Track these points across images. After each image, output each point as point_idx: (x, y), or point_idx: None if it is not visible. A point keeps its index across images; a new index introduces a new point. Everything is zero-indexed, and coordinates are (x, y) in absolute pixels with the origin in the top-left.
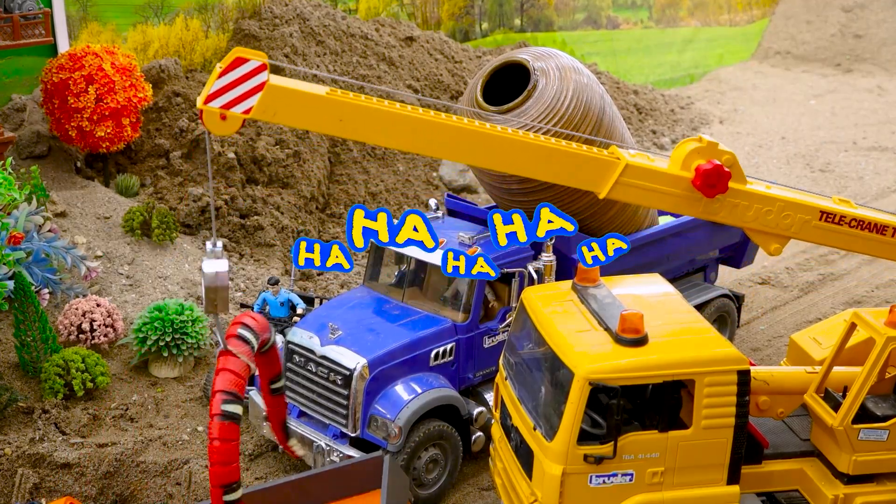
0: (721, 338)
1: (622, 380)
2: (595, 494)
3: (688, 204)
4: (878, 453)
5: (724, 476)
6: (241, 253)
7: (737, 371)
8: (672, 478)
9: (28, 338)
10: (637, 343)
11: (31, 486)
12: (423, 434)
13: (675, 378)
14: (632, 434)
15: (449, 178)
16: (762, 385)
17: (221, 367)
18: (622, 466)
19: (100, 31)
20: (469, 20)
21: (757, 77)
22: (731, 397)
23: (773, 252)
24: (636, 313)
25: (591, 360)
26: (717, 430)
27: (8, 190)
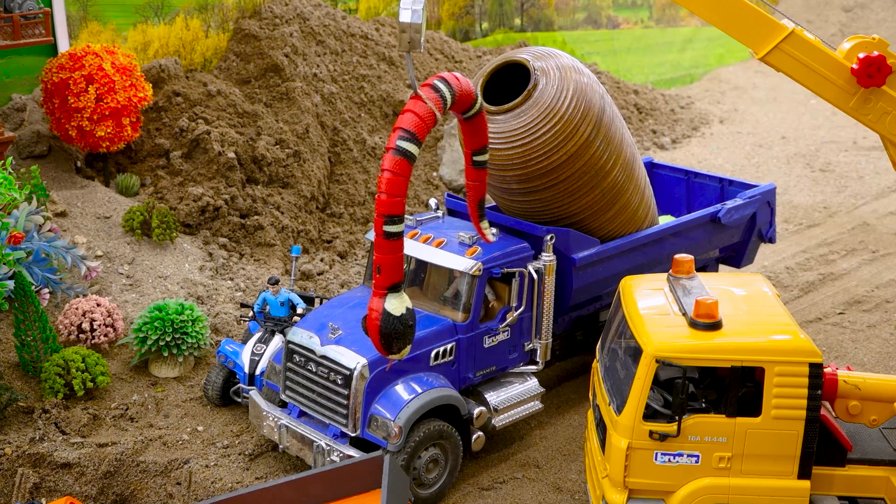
0: (799, 332)
1: (688, 360)
2: (661, 472)
3: (840, 95)
4: None
5: (794, 469)
6: (241, 253)
7: (809, 364)
8: (740, 465)
9: (28, 337)
10: (710, 327)
11: (31, 486)
12: (423, 434)
13: (744, 364)
14: (698, 416)
15: (449, 178)
16: (853, 390)
17: (407, 109)
18: (688, 447)
19: (100, 30)
20: (469, 20)
21: (757, 76)
22: (802, 389)
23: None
24: (711, 299)
25: (662, 339)
26: (787, 422)
27: (8, 190)
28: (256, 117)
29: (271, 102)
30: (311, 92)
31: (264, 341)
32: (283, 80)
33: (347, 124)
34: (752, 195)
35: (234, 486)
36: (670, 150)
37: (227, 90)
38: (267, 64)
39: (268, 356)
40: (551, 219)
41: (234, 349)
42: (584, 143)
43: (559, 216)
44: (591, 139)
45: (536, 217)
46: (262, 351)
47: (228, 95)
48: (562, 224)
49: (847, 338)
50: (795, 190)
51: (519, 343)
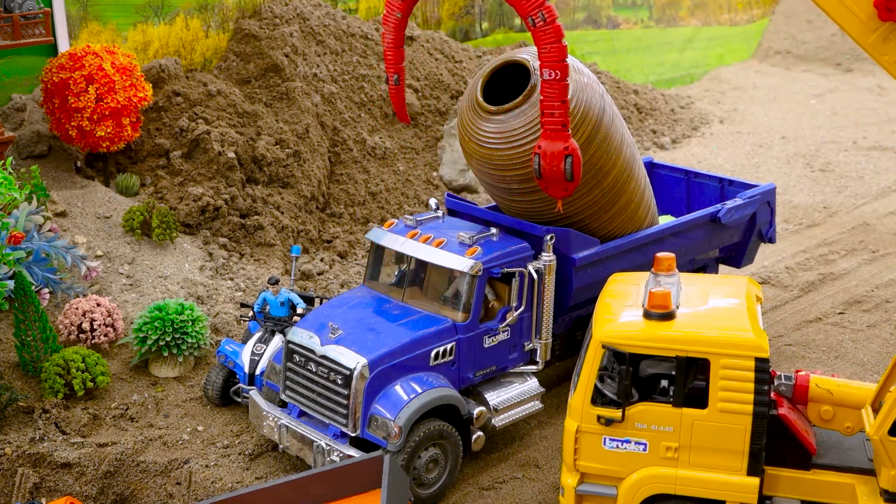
0: (751, 328)
1: (633, 347)
2: (610, 457)
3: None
4: None
5: (743, 465)
6: (241, 253)
7: (755, 358)
8: (688, 456)
9: (28, 337)
10: (663, 318)
11: (31, 486)
12: (423, 433)
13: (688, 355)
14: (645, 403)
15: (449, 178)
16: (825, 394)
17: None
18: (636, 434)
19: (100, 30)
20: (469, 20)
21: (757, 76)
22: (748, 384)
23: None
24: (664, 291)
25: (611, 326)
26: (734, 416)
27: (8, 189)
28: (256, 117)
29: (271, 102)
30: (311, 92)
31: (264, 341)
32: (283, 80)
33: (347, 124)
34: (752, 195)
35: (234, 486)
36: (670, 150)
37: (227, 90)
38: (267, 64)
39: (268, 356)
40: (551, 219)
41: (234, 349)
42: (584, 143)
43: (559, 216)
44: (591, 139)
45: (536, 217)
46: (262, 351)
47: (228, 95)
48: (562, 224)
49: (847, 338)
50: (795, 190)
51: (519, 343)
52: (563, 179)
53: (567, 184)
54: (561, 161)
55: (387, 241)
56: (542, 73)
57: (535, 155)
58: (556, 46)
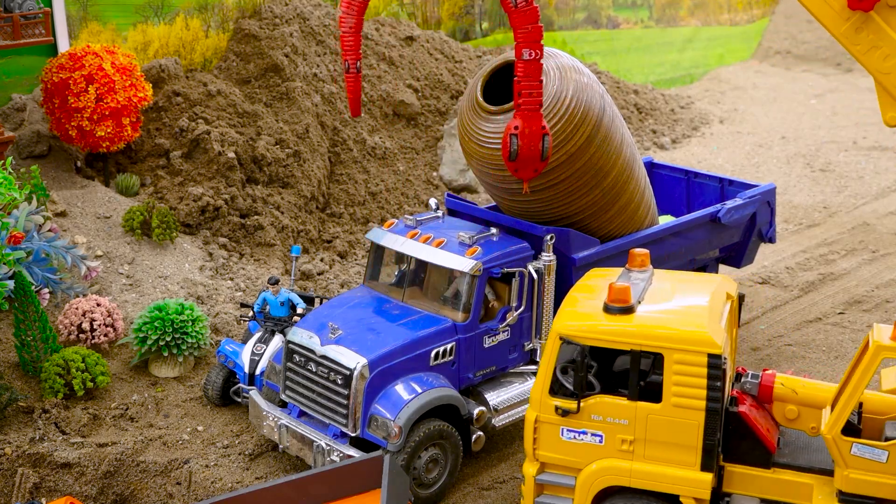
0: (707, 324)
1: (589, 340)
2: (568, 448)
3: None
4: (874, 475)
5: (697, 460)
6: (241, 253)
7: (707, 354)
8: (643, 450)
9: (28, 337)
10: (622, 312)
11: (31, 486)
12: (423, 434)
13: (643, 349)
14: (601, 396)
15: (449, 178)
16: (790, 394)
17: None
18: (592, 426)
19: (100, 30)
20: (469, 20)
21: (757, 76)
22: (701, 379)
23: (888, 120)
24: (623, 285)
25: (570, 319)
26: (687, 411)
27: (8, 189)
28: (256, 117)
29: (271, 102)
30: (311, 92)
31: (264, 341)
32: (283, 80)
33: (347, 124)
34: (752, 195)
35: (234, 486)
36: (670, 150)
37: (227, 90)
38: (267, 64)
39: (268, 356)
40: (551, 219)
41: (234, 349)
42: (584, 143)
43: (559, 216)
44: (591, 139)
45: (536, 217)
46: (262, 351)
47: (228, 95)
48: (562, 224)
49: (847, 338)
50: (795, 190)
51: (519, 343)
52: (537, 160)
53: (539, 164)
54: (539, 141)
55: (387, 241)
56: (522, 53)
57: (512, 136)
58: (535, 27)
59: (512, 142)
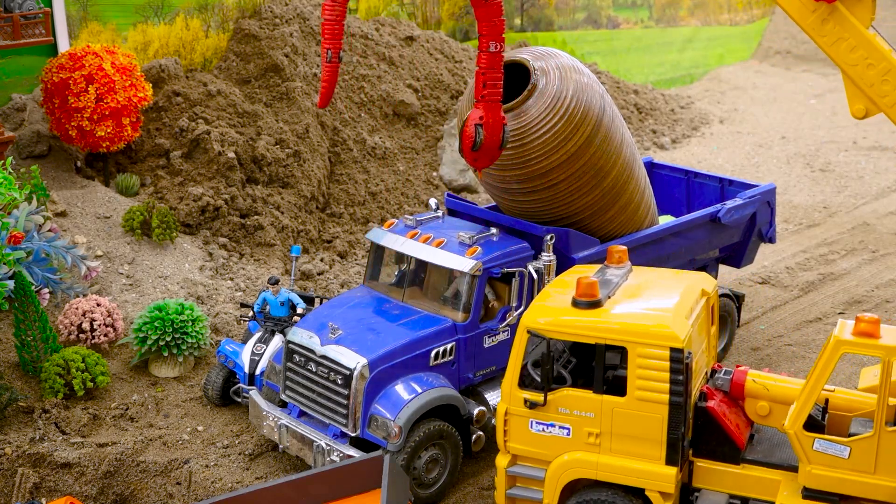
0: (671, 319)
1: (555, 334)
2: (537, 440)
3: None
4: (837, 471)
5: (662, 454)
6: (241, 253)
7: (669, 348)
8: (609, 443)
9: (28, 337)
10: (589, 306)
11: (31, 486)
12: (423, 434)
13: (607, 342)
14: (567, 389)
15: (449, 178)
16: (761, 390)
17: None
18: (559, 419)
19: (100, 30)
20: (469, 20)
21: (757, 76)
22: (663, 373)
23: (855, 112)
24: (591, 280)
25: (538, 313)
26: (651, 405)
27: (8, 189)
28: (256, 117)
29: (271, 102)
30: (311, 92)
31: (264, 341)
32: (283, 80)
33: (347, 124)
34: (752, 195)
35: (234, 486)
36: (670, 150)
37: (227, 90)
38: (267, 64)
39: (268, 356)
40: (551, 219)
41: (234, 349)
42: (584, 143)
43: (559, 216)
44: (591, 139)
45: (536, 217)
46: (262, 351)
47: (228, 95)
48: (562, 224)
49: None
50: (795, 190)
51: None
52: (496, 148)
53: (496, 153)
54: (500, 131)
55: (387, 241)
56: (488, 45)
57: (477, 127)
58: (499, 21)
59: (477, 132)
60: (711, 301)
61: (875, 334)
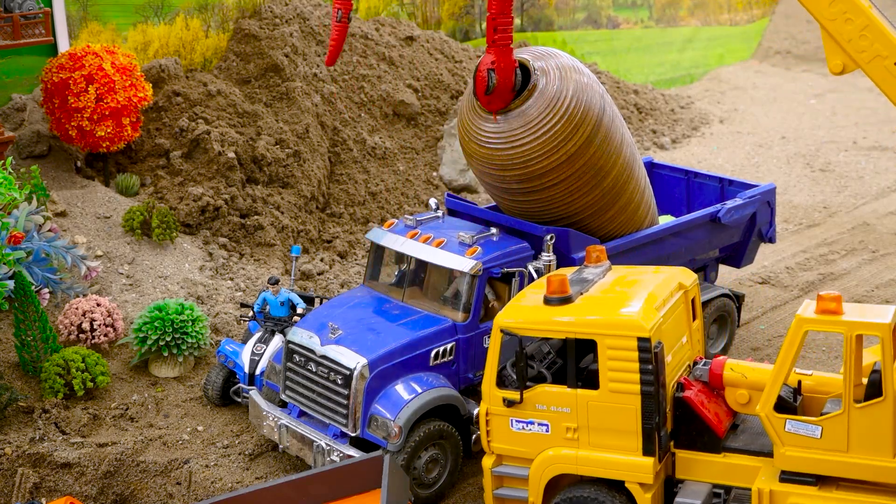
0: (639, 310)
1: (527, 331)
2: (517, 439)
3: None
4: (810, 451)
5: (638, 445)
6: (241, 253)
7: (637, 338)
8: (587, 437)
9: (28, 337)
10: (560, 302)
11: (31, 486)
12: (423, 433)
13: (577, 336)
14: (543, 385)
15: (449, 178)
16: (740, 378)
17: None
18: (537, 416)
19: (100, 30)
20: (469, 20)
21: (757, 76)
22: (632, 363)
23: (832, 68)
24: (560, 277)
25: (510, 312)
26: (623, 396)
27: (8, 189)
28: (256, 117)
29: (271, 102)
30: (311, 92)
31: (264, 341)
32: (283, 80)
33: (347, 124)
34: (752, 195)
35: (234, 486)
36: (670, 150)
37: (227, 90)
38: (267, 64)
39: (268, 356)
40: (551, 219)
41: (234, 349)
42: (584, 143)
43: (559, 216)
44: (591, 139)
45: (536, 217)
46: (262, 351)
47: (228, 95)
48: (562, 224)
49: None
50: (795, 190)
51: None
52: (508, 91)
53: (508, 95)
54: (512, 74)
55: (387, 241)
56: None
57: (490, 71)
58: None
59: (490, 76)
60: (691, 294)
61: (838, 311)
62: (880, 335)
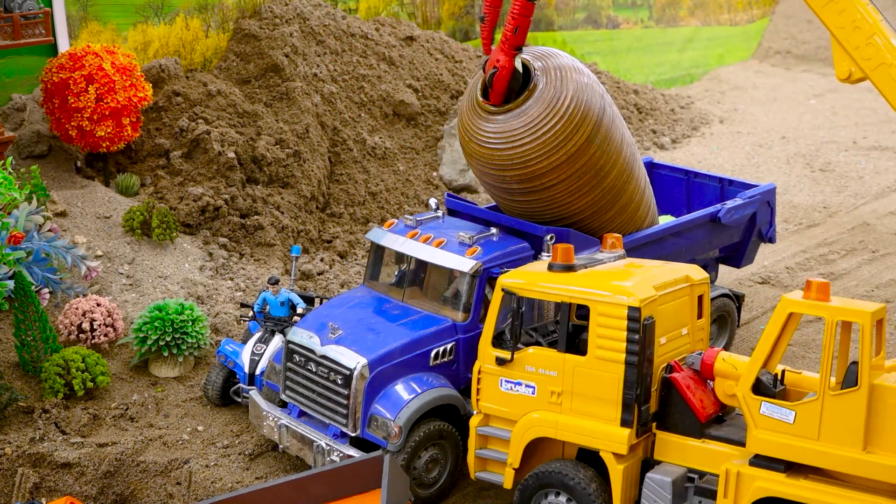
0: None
1: (525, 292)
2: (506, 399)
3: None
4: (783, 436)
5: (617, 415)
6: (241, 253)
7: (627, 307)
8: (570, 402)
9: (28, 337)
10: (563, 269)
11: (31, 486)
12: (423, 433)
13: (570, 301)
14: (534, 347)
15: (449, 178)
16: (730, 370)
17: None
18: (525, 377)
19: (100, 30)
20: (469, 20)
21: (757, 76)
22: (620, 332)
23: (840, 73)
24: (567, 246)
25: (514, 274)
26: (608, 364)
27: (8, 189)
28: (256, 117)
29: (271, 102)
30: (311, 92)
31: (264, 341)
32: (283, 80)
33: (347, 124)
34: (752, 195)
35: (234, 486)
36: (670, 150)
37: (227, 90)
38: (267, 64)
39: (268, 356)
40: (551, 219)
41: (234, 349)
42: (584, 143)
43: (559, 216)
44: (591, 139)
45: (536, 217)
46: (262, 351)
47: (228, 95)
48: (562, 224)
49: None
50: (795, 190)
51: None
52: (502, 92)
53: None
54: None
55: (387, 241)
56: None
57: (493, 72)
58: None
59: (491, 77)
60: (698, 290)
61: (824, 298)
62: (861, 322)
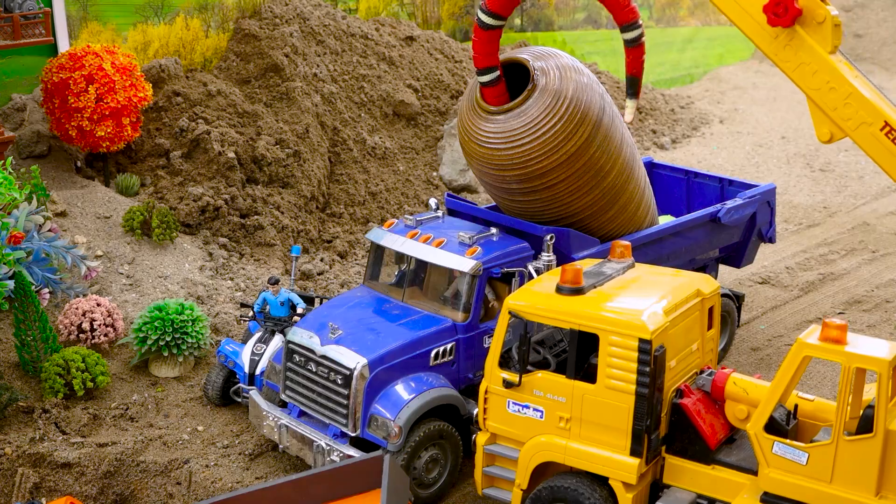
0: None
1: (533, 316)
2: (512, 421)
3: (761, 34)
4: (794, 476)
5: (627, 444)
6: (241, 253)
7: (638, 338)
8: (579, 429)
9: (28, 337)
10: (572, 293)
11: (31, 486)
12: (423, 433)
13: (580, 329)
14: (544, 372)
15: (449, 178)
16: (741, 393)
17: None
18: (533, 401)
19: (100, 30)
20: (469, 20)
21: (757, 76)
22: (631, 363)
23: (820, 136)
24: (576, 268)
25: (522, 296)
26: (619, 394)
27: (8, 189)
28: (256, 117)
29: (271, 102)
30: (311, 92)
31: (264, 341)
32: (283, 80)
33: (347, 124)
34: (752, 195)
35: (234, 486)
36: (670, 150)
37: (227, 90)
38: (267, 64)
39: (268, 356)
40: (551, 219)
41: (234, 349)
42: (584, 143)
43: (559, 216)
44: (591, 139)
45: (536, 217)
46: (262, 351)
47: (228, 95)
48: (562, 224)
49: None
50: (795, 190)
51: None
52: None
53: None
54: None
55: (387, 241)
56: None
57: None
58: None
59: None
60: (709, 303)
61: (841, 341)
62: (878, 370)
